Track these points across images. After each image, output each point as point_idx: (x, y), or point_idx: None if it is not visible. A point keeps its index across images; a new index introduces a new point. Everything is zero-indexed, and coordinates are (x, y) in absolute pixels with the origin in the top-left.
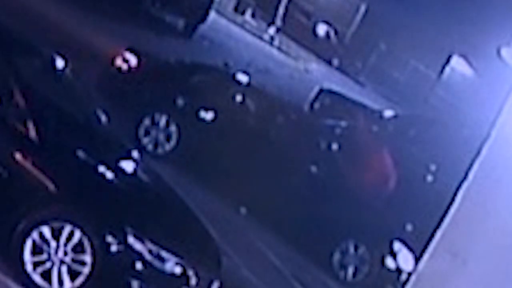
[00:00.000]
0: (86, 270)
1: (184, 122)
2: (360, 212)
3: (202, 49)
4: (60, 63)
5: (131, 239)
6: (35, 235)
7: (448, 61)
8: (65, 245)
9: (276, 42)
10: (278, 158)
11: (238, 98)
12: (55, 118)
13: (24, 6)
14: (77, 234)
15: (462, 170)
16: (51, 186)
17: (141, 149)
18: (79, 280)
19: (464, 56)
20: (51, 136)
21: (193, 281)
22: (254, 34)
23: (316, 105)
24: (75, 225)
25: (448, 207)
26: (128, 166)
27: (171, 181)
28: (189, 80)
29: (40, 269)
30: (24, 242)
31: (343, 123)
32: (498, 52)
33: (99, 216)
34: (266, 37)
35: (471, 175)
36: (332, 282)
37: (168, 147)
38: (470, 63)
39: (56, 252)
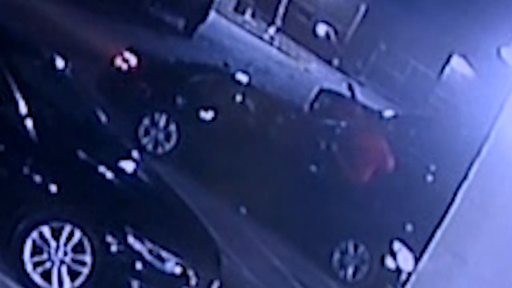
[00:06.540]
0: (86, 270)
1: (183, 122)
2: (360, 212)
3: (202, 49)
4: (60, 63)
5: (131, 239)
6: (35, 235)
7: (448, 61)
8: (65, 245)
9: (276, 42)
10: (278, 158)
11: (238, 98)
12: (55, 118)
13: (24, 6)
14: (77, 234)
15: (462, 170)
16: (51, 186)
17: (141, 149)
18: (79, 280)
19: (464, 56)
20: (51, 136)
21: (193, 281)
22: (254, 34)
23: (316, 105)
24: (75, 225)
25: (448, 207)
26: (128, 166)
27: (171, 181)
28: (189, 80)
29: (40, 269)
30: (24, 242)
31: (343, 123)
32: (498, 52)
33: (99, 216)
34: (266, 37)
35: (471, 175)
36: (332, 282)
37: (168, 146)
38: (470, 63)
39: (56, 252)
